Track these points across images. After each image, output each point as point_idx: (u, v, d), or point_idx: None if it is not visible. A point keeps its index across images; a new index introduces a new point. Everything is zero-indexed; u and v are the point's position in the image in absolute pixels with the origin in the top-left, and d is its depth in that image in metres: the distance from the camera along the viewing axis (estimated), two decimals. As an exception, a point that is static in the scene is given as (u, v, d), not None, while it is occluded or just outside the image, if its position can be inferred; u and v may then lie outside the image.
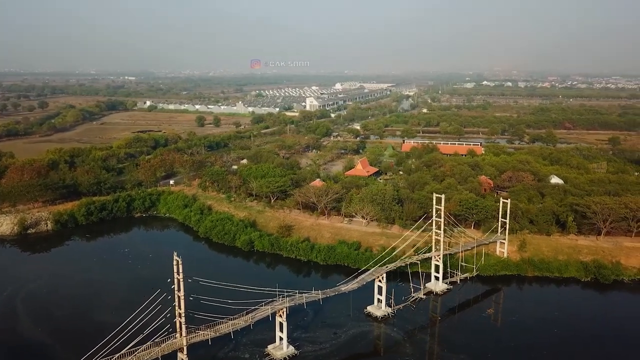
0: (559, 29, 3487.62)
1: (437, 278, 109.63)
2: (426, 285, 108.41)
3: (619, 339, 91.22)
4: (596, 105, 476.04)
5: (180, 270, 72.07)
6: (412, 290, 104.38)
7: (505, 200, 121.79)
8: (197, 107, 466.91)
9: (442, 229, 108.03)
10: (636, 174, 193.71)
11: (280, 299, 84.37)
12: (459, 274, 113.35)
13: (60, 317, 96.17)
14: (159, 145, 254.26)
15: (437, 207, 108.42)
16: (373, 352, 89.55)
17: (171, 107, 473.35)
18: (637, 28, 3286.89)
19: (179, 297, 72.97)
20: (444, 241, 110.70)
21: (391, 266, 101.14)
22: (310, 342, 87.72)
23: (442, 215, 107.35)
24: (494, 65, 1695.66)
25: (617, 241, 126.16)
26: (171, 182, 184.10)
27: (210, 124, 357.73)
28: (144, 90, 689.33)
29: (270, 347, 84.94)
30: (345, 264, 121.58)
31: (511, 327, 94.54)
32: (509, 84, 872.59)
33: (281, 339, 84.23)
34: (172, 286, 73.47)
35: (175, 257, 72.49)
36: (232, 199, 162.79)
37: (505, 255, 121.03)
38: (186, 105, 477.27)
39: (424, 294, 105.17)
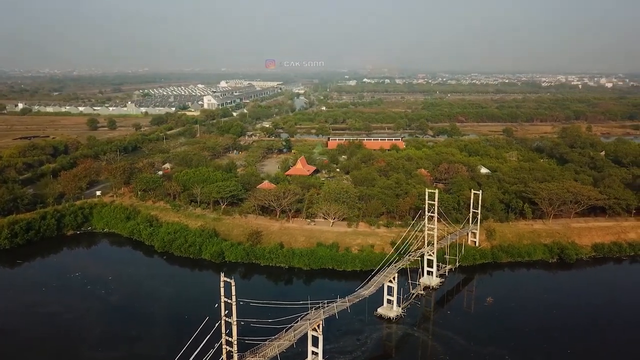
0: (424, 30, 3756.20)
1: (429, 272, 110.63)
2: (420, 280, 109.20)
3: (614, 313, 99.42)
4: (474, 100, 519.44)
5: (233, 293, 63.75)
6: (411, 287, 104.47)
7: (477, 192, 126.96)
8: (81, 109, 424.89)
9: (435, 223, 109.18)
10: (542, 160, 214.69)
11: (313, 311, 78.88)
12: (445, 266, 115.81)
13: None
14: (58, 152, 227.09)
15: (429, 202, 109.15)
16: (405, 356, 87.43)
17: (49, 109, 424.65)
18: (493, 30, 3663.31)
19: (229, 323, 64.60)
20: (435, 235, 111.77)
21: (399, 265, 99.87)
22: (338, 353, 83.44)
23: (436, 210, 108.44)
24: (366, 63, 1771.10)
25: (565, 223, 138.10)
26: (98, 192, 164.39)
27: (104, 126, 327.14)
28: (6, 92, 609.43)
29: (303, 364, 79.32)
30: (330, 267, 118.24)
31: (516, 313, 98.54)
32: (388, 80, 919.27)
33: (314, 353, 78.94)
34: (224, 311, 64.68)
35: (223, 278, 64.02)
36: (179, 207, 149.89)
37: (477, 244, 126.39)
38: (67, 107, 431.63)
39: (422, 290, 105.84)
